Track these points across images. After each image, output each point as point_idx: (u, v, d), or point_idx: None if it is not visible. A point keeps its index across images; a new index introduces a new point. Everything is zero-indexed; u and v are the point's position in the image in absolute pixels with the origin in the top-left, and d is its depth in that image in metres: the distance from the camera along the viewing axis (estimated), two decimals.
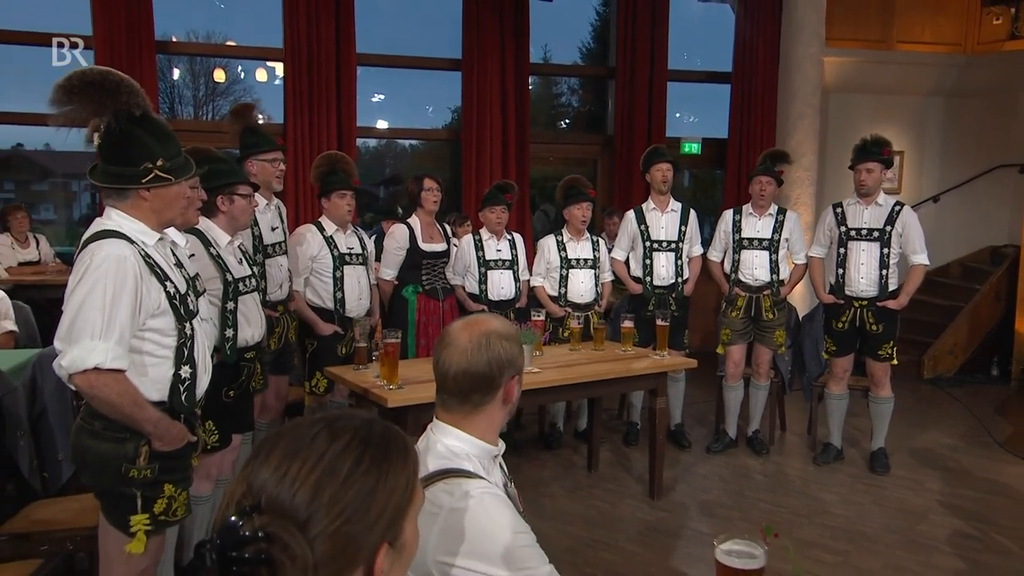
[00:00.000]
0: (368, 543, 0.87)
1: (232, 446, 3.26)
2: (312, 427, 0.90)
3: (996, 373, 7.15)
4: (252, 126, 3.67)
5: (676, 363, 4.41)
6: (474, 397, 1.58)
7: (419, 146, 10.16)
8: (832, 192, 7.62)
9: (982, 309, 7.33)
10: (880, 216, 4.66)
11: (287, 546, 0.81)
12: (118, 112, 2.01)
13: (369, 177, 11.72)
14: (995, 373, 7.16)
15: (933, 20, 8.00)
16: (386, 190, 12.16)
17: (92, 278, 1.98)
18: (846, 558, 3.66)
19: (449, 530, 1.44)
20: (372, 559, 0.87)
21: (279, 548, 0.81)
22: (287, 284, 3.87)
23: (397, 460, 0.91)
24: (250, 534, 0.80)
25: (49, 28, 6.54)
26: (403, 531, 0.92)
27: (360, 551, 0.86)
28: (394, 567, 0.93)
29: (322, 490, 0.84)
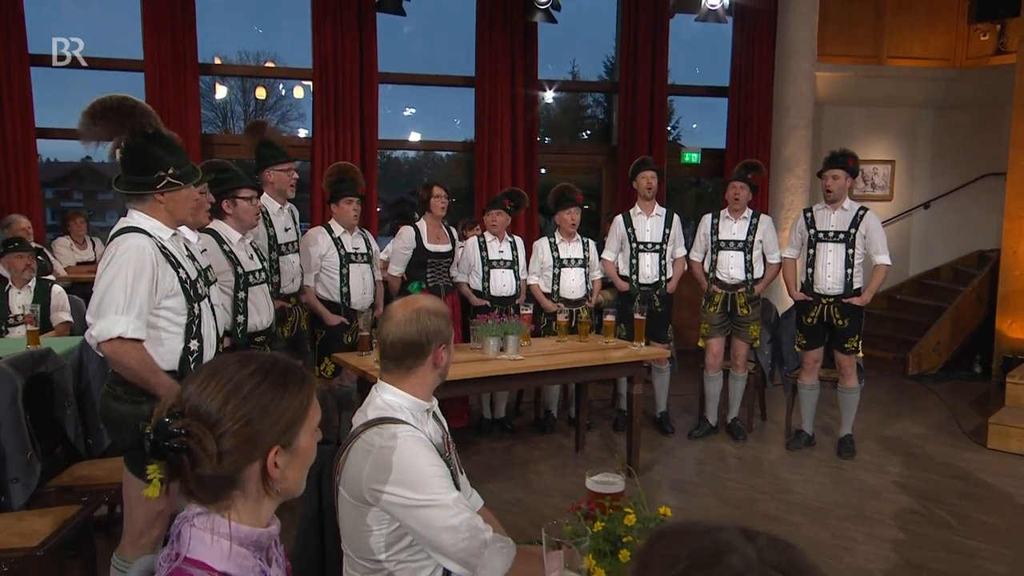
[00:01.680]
0: (263, 443, 1.16)
1: None
2: (228, 360, 1.20)
3: (978, 370, 7.23)
4: (267, 140, 4.02)
5: (651, 353, 4.65)
6: (407, 361, 1.88)
7: (454, 156, 10.45)
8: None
9: (965, 309, 7.42)
10: (845, 220, 4.85)
11: (200, 440, 1.11)
12: (134, 131, 2.34)
13: (408, 186, 12.18)
14: (977, 370, 7.23)
15: (923, 36, 8.12)
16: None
17: (117, 264, 2.32)
18: (797, 529, 3.87)
19: (378, 464, 1.73)
20: (266, 455, 1.17)
21: (195, 441, 1.11)
22: (299, 278, 4.21)
23: (292, 386, 1.20)
24: (175, 430, 1.11)
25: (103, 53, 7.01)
26: (296, 438, 1.21)
27: (256, 448, 1.15)
28: (290, 465, 1.21)
29: (228, 402, 1.13)
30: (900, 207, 8.50)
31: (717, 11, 7.36)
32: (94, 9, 10.00)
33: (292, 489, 1.23)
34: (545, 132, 13.00)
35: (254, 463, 1.16)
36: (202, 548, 1.12)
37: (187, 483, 1.13)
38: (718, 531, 0.71)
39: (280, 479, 1.18)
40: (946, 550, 3.61)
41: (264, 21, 9.55)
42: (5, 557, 2.52)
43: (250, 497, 1.17)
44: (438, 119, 12.47)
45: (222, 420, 1.12)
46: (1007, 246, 6.74)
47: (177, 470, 1.12)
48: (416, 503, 1.69)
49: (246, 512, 1.16)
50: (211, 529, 1.13)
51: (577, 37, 8.90)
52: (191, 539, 1.13)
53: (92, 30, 7.39)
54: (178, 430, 1.10)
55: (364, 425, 1.82)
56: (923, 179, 8.48)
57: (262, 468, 1.16)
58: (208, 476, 1.12)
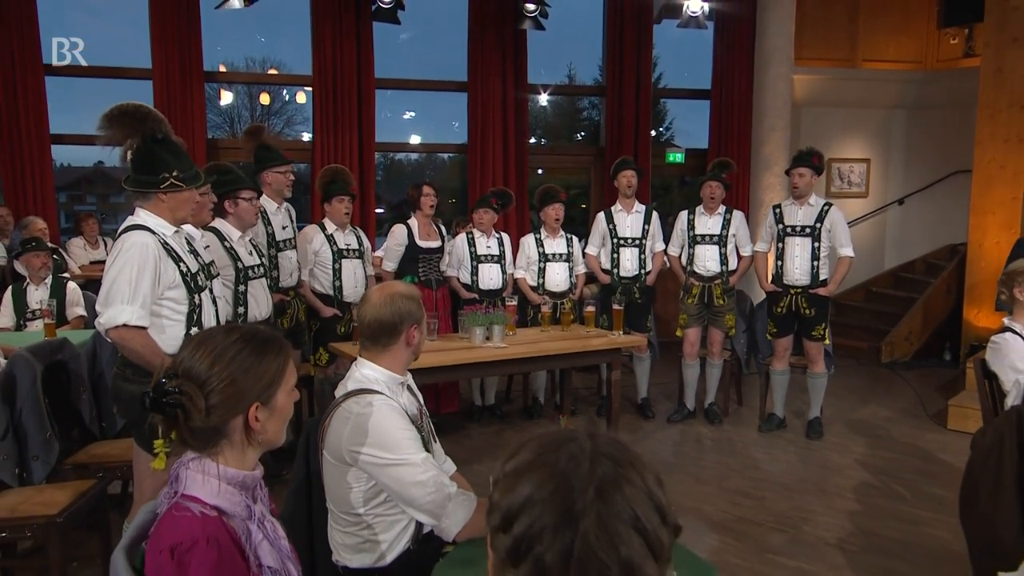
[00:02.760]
0: (246, 400, 1.34)
1: None
2: (216, 330, 1.39)
3: (948, 357, 7.40)
4: (265, 143, 4.21)
5: (628, 341, 4.83)
6: (383, 339, 2.06)
7: (455, 157, 10.63)
8: None
9: (935, 300, 7.60)
10: (811, 215, 5.02)
11: (192, 397, 1.30)
12: (144, 135, 2.53)
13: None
14: (947, 357, 7.41)
15: (895, 40, 8.29)
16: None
17: (123, 259, 2.50)
18: (761, 502, 4.06)
19: (356, 428, 1.92)
20: (247, 410, 1.35)
21: (187, 398, 1.29)
22: (296, 273, 4.40)
23: (270, 352, 1.39)
24: (171, 389, 1.29)
25: (114, 63, 7.20)
26: (274, 396, 1.39)
27: (239, 404, 1.34)
28: (269, 420, 1.40)
29: (215, 365, 1.32)
30: (875, 203, 8.68)
31: (698, 17, 7.55)
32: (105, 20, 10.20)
33: (272, 440, 1.42)
34: (542, 134, 13.21)
35: (238, 416, 1.34)
36: (196, 486, 1.31)
37: (182, 433, 1.32)
38: (569, 431, 0.88)
39: (261, 431, 1.37)
40: (896, 519, 3.80)
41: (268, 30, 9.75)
42: (28, 523, 2.71)
43: (236, 445, 1.35)
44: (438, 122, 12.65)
45: (210, 380, 1.31)
46: (973, 239, 6.90)
47: (173, 422, 1.31)
48: (388, 462, 1.88)
49: (233, 457, 1.35)
50: (203, 471, 1.32)
51: (574, 43, 9.09)
52: (187, 479, 1.32)
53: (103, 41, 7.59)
54: (173, 389, 1.29)
55: (344, 396, 2.01)
56: (897, 176, 8.65)
57: (245, 421, 1.35)
58: (199, 427, 1.31)
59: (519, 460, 0.84)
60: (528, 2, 7.20)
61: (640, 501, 0.79)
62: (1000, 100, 6.61)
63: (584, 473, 0.79)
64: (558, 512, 0.77)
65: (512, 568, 0.78)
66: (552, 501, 0.77)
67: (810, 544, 3.55)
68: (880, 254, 8.67)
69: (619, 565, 0.75)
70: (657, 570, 0.78)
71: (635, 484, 0.80)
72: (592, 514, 0.76)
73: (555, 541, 0.75)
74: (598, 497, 0.77)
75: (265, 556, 1.33)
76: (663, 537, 0.79)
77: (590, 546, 0.74)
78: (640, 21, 7.98)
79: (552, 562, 0.75)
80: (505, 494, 0.81)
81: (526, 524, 0.77)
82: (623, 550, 0.75)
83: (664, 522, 0.80)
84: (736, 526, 3.76)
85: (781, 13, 7.85)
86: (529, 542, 0.77)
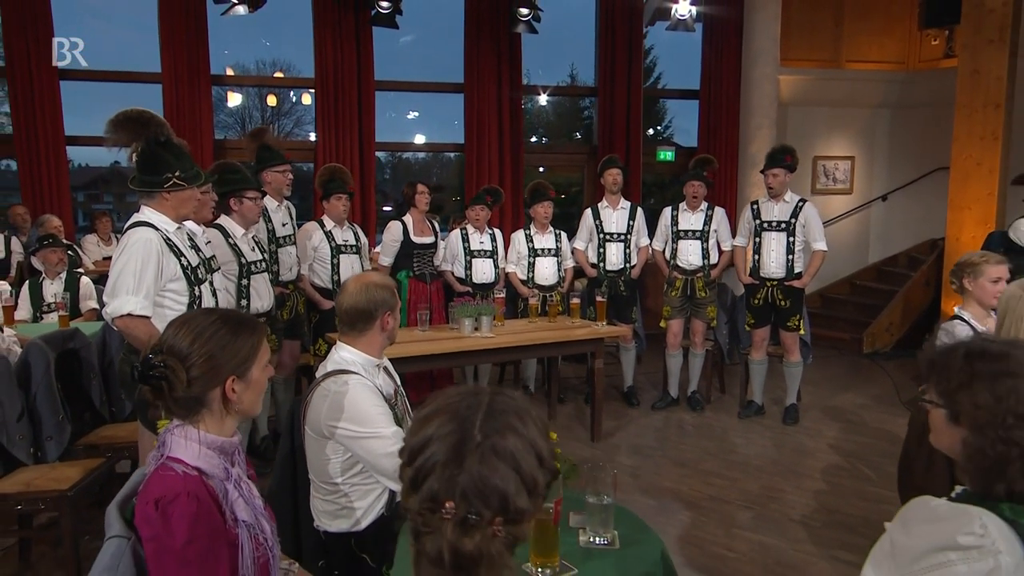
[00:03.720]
0: (223, 373, 1.49)
1: None
2: (197, 312, 1.54)
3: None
4: (266, 144, 4.36)
5: (610, 331, 4.97)
6: (359, 325, 2.21)
7: (460, 156, 10.80)
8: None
9: (915, 293, 7.70)
10: (786, 211, 5.14)
11: (175, 370, 1.44)
12: (148, 138, 2.68)
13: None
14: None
15: (878, 41, 8.37)
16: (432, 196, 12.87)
17: (128, 253, 2.66)
18: (733, 482, 4.20)
19: (333, 405, 2.07)
20: (224, 382, 1.50)
21: (170, 371, 1.44)
22: (296, 267, 4.55)
23: (245, 332, 1.53)
24: (156, 363, 1.44)
25: (125, 67, 7.36)
26: (249, 371, 1.54)
27: (217, 377, 1.48)
28: (245, 392, 1.54)
29: (195, 342, 1.47)
30: (860, 199, 8.77)
31: (686, 20, 7.65)
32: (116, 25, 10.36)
33: (248, 409, 1.56)
34: (544, 133, 13.34)
35: (216, 388, 1.49)
36: (180, 449, 1.46)
37: (166, 402, 1.46)
38: (476, 387, 1.03)
39: (237, 401, 1.52)
40: (860, 498, 3.94)
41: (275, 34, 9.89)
42: (42, 496, 2.88)
43: (215, 414, 1.50)
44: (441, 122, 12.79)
45: (191, 355, 1.46)
46: (951, 234, 7.00)
47: (159, 393, 1.46)
48: (361, 435, 2.03)
49: (212, 424, 1.50)
50: (186, 436, 1.47)
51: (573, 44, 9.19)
52: (172, 443, 1.47)
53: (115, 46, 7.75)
54: (158, 363, 1.44)
55: (324, 376, 2.16)
56: (881, 173, 8.75)
57: (222, 392, 1.50)
58: (181, 397, 1.46)
59: (430, 408, 0.99)
60: (521, 7, 7.33)
61: (521, 447, 0.93)
62: (976, 100, 6.70)
63: (478, 420, 0.94)
64: (451, 449, 0.91)
65: (413, 494, 0.93)
66: (447, 440, 0.92)
67: (775, 520, 3.69)
68: (864, 249, 8.77)
69: (496, 495, 0.90)
70: (529, 503, 0.92)
71: (519, 432, 0.94)
72: (478, 453, 0.91)
73: (444, 472, 0.90)
74: (484, 440, 0.92)
75: (240, 512, 1.48)
76: (538, 477, 0.94)
77: (472, 478, 0.89)
78: (631, 24, 8.10)
79: (440, 489, 0.90)
80: (413, 435, 0.96)
81: (424, 458, 0.92)
82: (500, 484, 0.90)
83: (541, 465, 0.95)
84: (707, 504, 3.90)
85: (767, 15, 7.95)
86: (425, 473, 0.92)
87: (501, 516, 0.90)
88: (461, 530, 0.89)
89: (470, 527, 0.89)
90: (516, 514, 0.91)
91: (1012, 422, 1.24)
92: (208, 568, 1.37)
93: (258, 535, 1.50)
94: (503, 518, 0.90)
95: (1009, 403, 1.25)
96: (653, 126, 12.28)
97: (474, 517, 0.89)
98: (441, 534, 0.90)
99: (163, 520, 1.35)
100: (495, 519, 0.89)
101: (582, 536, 1.81)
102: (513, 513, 0.91)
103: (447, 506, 0.89)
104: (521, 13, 7.35)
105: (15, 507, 2.91)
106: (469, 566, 0.89)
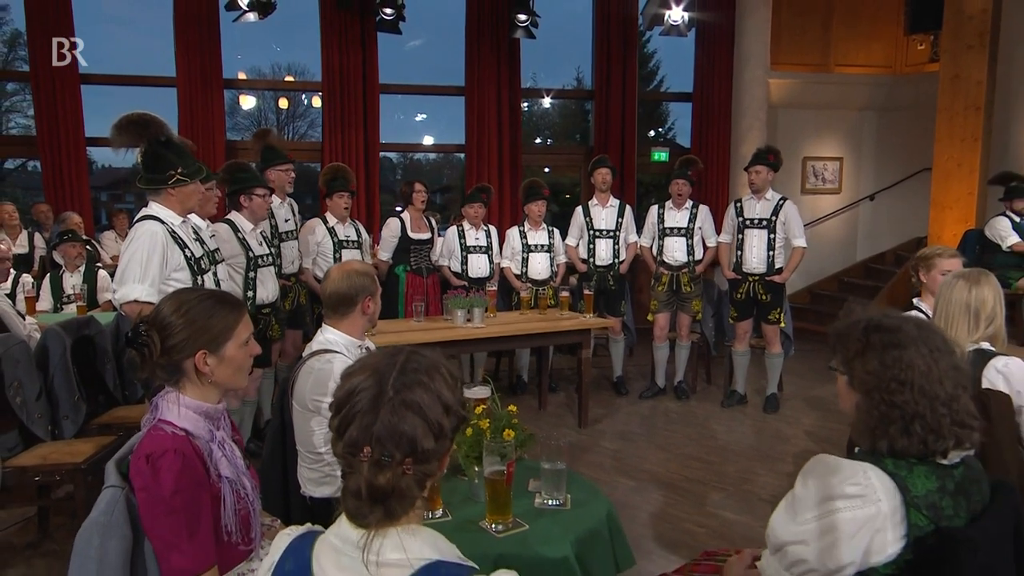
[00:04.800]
0: (194, 346, 1.61)
1: (254, 375, 4.11)
2: (186, 289, 1.69)
3: None
4: (270, 144, 4.51)
5: (597, 322, 5.10)
6: (341, 309, 2.36)
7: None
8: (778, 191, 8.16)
9: (899, 289, 7.77)
10: (768, 208, 5.25)
11: (152, 338, 1.58)
12: (150, 139, 2.84)
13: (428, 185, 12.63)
14: None
15: (866, 46, 8.45)
16: (442, 196, 13.02)
17: (136, 244, 2.82)
18: (710, 465, 4.32)
19: (317, 381, 2.21)
20: (194, 354, 1.62)
21: (152, 339, 1.58)
22: (298, 261, 4.71)
23: (223, 309, 1.67)
24: (142, 331, 1.59)
25: (143, 72, 7.55)
26: (223, 347, 1.66)
27: (189, 348, 1.61)
28: (218, 367, 1.65)
29: (174, 315, 1.61)
30: (848, 199, 8.85)
31: (679, 26, 7.75)
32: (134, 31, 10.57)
33: (227, 382, 1.68)
34: (550, 134, 13.47)
35: (189, 359, 1.63)
36: (168, 412, 1.60)
37: (152, 368, 1.61)
38: (397, 347, 1.16)
39: (209, 374, 1.65)
40: None
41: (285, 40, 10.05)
42: (58, 469, 3.04)
43: (194, 382, 1.64)
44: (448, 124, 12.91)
45: (169, 326, 1.60)
46: (932, 232, 7.08)
47: (144, 358, 1.60)
48: None
49: (194, 391, 1.64)
50: (172, 401, 1.62)
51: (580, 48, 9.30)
52: (162, 407, 1.61)
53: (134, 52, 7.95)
54: (144, 332, 1.59)
55: (309, 354, 2.31)
56: (868, 174, 8.82)
57: (194, 364, 1.64)
58: (162, 364, 1.60)
59: (356, 366, 1.13)
60: (520, 13, 7.46)
61: (428, 398, 1.07)
62: (957, 103, 6.78)
63: (391, 377, 1.08)
64: (370, 400, 1.05)
65: (339, 440, 1.07)
66: (366, 394, 1.06)
67: (745, 500, 3.81)
68: (852, 247, 8.85)
69: (405, 440, 1.04)
70: (435, 445, 1.06)
71: (427, 387, 1.08)
72: (390, 405, 1.05)
73: (363, 421, 1.04)
74: (396, 394, 1.06)
75: (224, 469, 1.62)
76: (444, 423, 1.08)
77: (385, 426, 1.03)
78: (625, 30, 8.21)
79: (359, 435, 1.04)
80: (339, 389, 1.11)
81: (347, 408, 1.07)
82: (408, 430, 1.04)
83: (447, 413, 1.08)
84: (683, 485, 4.03)
85: (758, 21, 8.05)
86: (348, 422, 1.06)
87: (410, 457, 1.04)
88: (376, 469, 1.03)
89: (383, 467, 1.03)
90: (424, 455, 1.05)
91: (895, 387, 1.37)
92: (192, 515, 1.51)
93: (239, 490, 1.65)
94: (412, 459, 1.04)
95: (894, 371, 1.38)
96: (655, 128, 12.40)
97: (386, 459, 1.03)
98: (360, 473, 1.03)
99: (153, 472, 1.49)
100: (405, 460, 1.03)
101: (537, 499, 1.95)
102: (421, 454, 1.05)
103: (365, 451, 1.03)
104: (519, 19, 7.48)
105: (34, 478, 3.07)
106: (382, 498, 1.03)
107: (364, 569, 1.01)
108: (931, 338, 1.42)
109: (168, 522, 1.48)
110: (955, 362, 1.41)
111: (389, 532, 1.04)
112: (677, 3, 7.52)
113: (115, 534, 1.44)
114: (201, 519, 1.53)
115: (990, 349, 2.37)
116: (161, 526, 1.48)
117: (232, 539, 1.61)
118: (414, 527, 1.06)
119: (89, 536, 1.43)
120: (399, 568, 1.01)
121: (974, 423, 1.38)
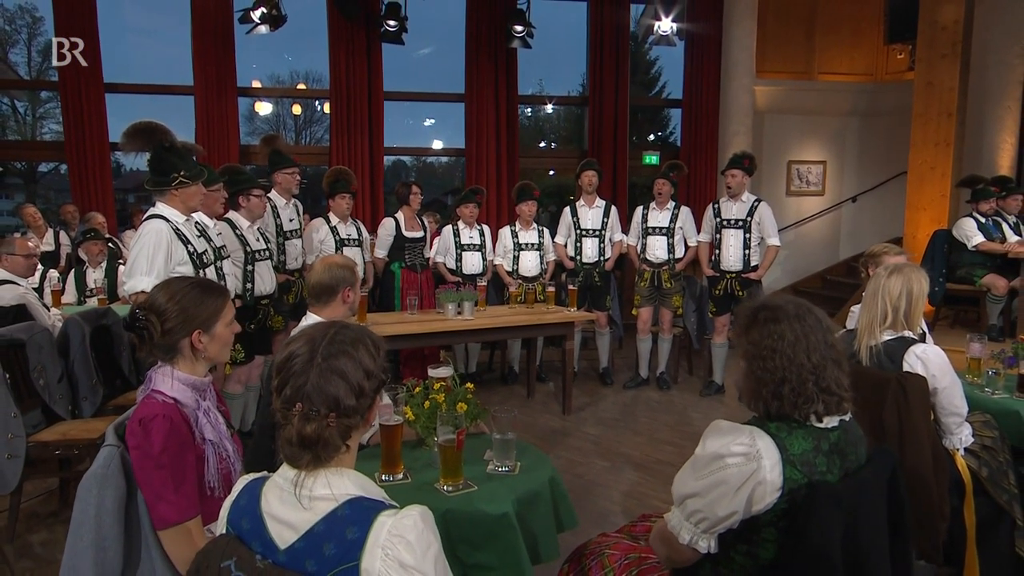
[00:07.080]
0: (191, 327, 1.80)
1: (255, 363, 4.29)
2: (175, 278, 1.86)
3: None
4: (277, 149, 4.70)
5: (579, 316, 5.24)
6: (324, 298, 2.53)
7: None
8: (765, 194, 8.27)
9: None
10: (743, 210, 5.39)
11: (152, 322, 1.76)
12: (155, 145, 3.03)
13: (440, 187, 12.89)
14: None
15: (848, 55, 8.54)
16: (453, 198, 13.20)
17: (143, 241, 3.01)
18: (681, 449, 4.47)
19: None
20: (191, 333, 1.81)
21: (150, 323, 1.76)
22: (301, 257, 4.89)
23: (210, 295, 1.84)
24: (139, 316, 1.77)
25: (163, 80, 7.77)
26: (214, 327, 1.84)
27: (185, 329, 1.79)
28: (210, 344, 1.84)
29: (169, 301, 1.79)
30: (831, 200, 8.95)
31: (668, 36, 7.88)
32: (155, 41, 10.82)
33: (215, 357, 1.87)
34: (554, 138, 13.61)
35: (185, 338, 1.81)
36: (161, 384, 1.78)
37: (148, 346, 1.79)
38: (333, 321, 1.33)
39: (203, 350, 1.83)
40: None
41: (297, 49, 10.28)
42: (76, 443, 3.25)
43: (187, 358, 1.82)
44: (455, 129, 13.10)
45: (166, 311, 1.78)
46: (908, 232, 7.18)
47: (142, 339, 1.78)
48: None
49: (185, 366, 1.82)
50: (165, 374, 1.80)
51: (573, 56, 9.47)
52: (155, 379, 1.79)
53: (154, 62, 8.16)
54: (141, 316, 1.77)
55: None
56: (851, 176, 8.91)
57: (191, 342, 1.82)
58: (159, 344, 1.78)
59: (295, 335, 1.30)
60: (516, 24, 7.62)
61: (351, 364, 1.23)
62: (931, 109, 6.88)
63: (323, 344, 1.24)
64: (303, 363, 1.22)
65: (278, 398, 1.24)
66: (301, 358, 1.23)
67: None
68: (835, 246, 8.95)
69: (330, 398, 1.20)
70: (356, 402, 1.23)
71: (351, 354, 1.25)
72: (317, 369, 1.21)
73: (296, 382, 1.21)
74: (323, 360, 1.22)
75: (208, 433, 1.80)
76: (365, 385, 1.24)
77: (313, 387, 1.20)
78: (617, 39, 8.35)
79: (291, 394, 1.21)
80: (280, 355, 1.28)
81: (286, 370, 1.23)
82: (332, 390, 1.20)
83: (368, 377, 1.25)
84: (654, 466, 4.18)
85: (744, 31, 8.17)
86: (284, 382, 1.23)
87: (334, 412, 1.20)
88: (304, 421, 1.20)
89: (310, 419, 1.20)
90: (346, 411, 1.22)
91: (767, 354, 1.53)
92: (177, 471, 1.69)
93: (222, 452, 1.82)
94: (335, 413, 1.21)
95: (768, 340, 1.54)
96: (656, 131, 12.54)
97: (313, 412, 1.19)
98: (292, 424, 1.20)
99: (144, 433, 1.67)
100: (329, 415, 1.20)
101: (490, 466, 2.12)
102: (343, 410, 1.21)
103: (297, 406, 1.20)
104: (516, 30, 7.63)
105: (54, 452, 3.27)
106: (310, 444, 1.20)
107: (298, 502, 1.18)
108: (806, 316, 1.58)
109: (157, 476, 1.66)
110: (828, 339, 1.57)
111: (319, 473, 1.21)
112: (667, 15, 7.66)
113: (111, 484, 1.62)
114: (186, 475, 1.71)
115: (912, 337, 2.51)
116: (151, 480, 1.66)
117: (215, 494, 1.79)
118: (342, 470, 1.23)
119: (89, 485, 1.61)
120: (326, 501, 1.18)
121: (843, 393, 1.54)
